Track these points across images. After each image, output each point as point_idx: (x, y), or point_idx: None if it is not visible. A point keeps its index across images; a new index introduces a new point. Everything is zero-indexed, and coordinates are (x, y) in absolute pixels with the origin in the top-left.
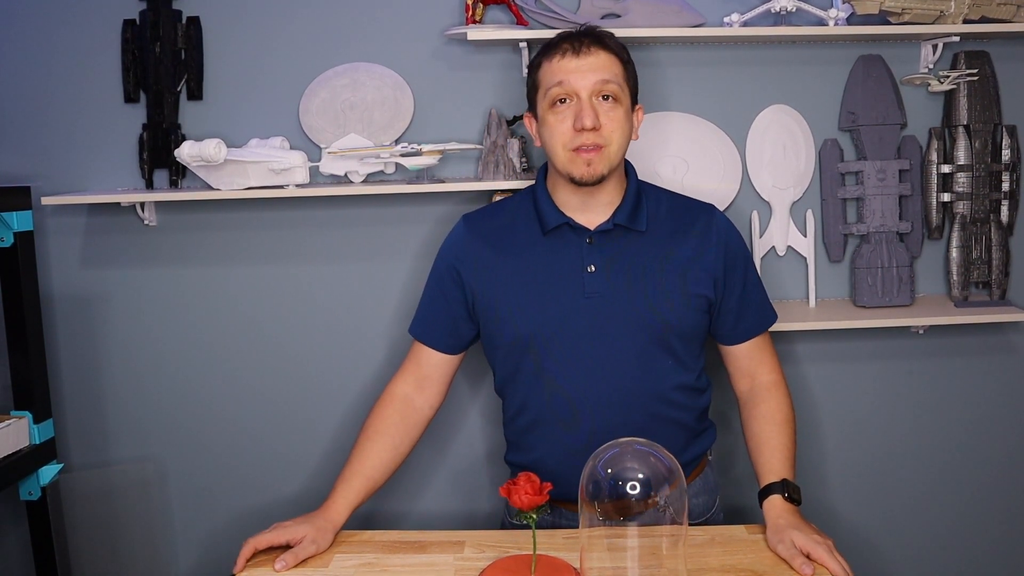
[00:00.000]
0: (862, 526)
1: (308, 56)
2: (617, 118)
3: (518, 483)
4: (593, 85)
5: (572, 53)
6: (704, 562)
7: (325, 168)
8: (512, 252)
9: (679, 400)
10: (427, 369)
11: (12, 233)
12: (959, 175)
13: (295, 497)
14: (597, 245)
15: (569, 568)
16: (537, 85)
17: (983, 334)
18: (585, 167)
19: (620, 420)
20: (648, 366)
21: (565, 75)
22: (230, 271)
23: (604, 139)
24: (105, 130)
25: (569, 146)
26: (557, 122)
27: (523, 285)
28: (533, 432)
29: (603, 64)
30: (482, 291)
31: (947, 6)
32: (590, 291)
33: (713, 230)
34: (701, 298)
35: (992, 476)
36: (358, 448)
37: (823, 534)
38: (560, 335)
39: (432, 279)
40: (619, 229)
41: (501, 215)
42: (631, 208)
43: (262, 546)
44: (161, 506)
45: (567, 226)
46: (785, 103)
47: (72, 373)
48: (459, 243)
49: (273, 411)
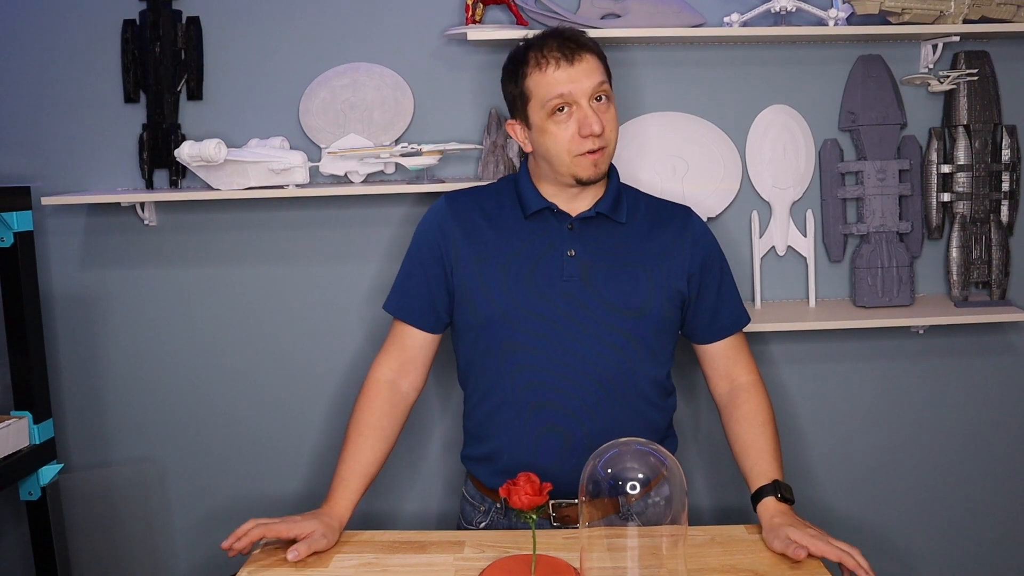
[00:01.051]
0: (862, 526)
1: (308, 56)
2: (613, 117)
3: (518, 483)
4: (590, 90)
5: (566, 62)
6: (704, 562)
7: (325, 168)
8: (493, 232)
9: (649, 394)
10: (410, 351)
11: (12, 233)
12: (959, 175)
13: (295, 497)
14: (578, 231)
15: (569, 568)
16: (528, 95)
17: (983, 334)
18: (592, 168)
19: (588, 407)
20: (621, 354)
21: (564, 86)
22: (230, 271)
23: (606, 139)
24: (105, 130)
25: (575, 151)
26: (560, 130)
27: (502, 263)
28: (496, 418)
29: (594, 67)
30: (460, 266)
31: (947, 6)
32: (568, 274)
33: (689, 229)
34: (676, 292)
35: (992, 476)
36: (351, 444)
37: (818, 528)
38: (535, 315)
39: (411, 255)
40: (600, 218)
41: (483, 196)
42: (613, 200)
43: (271, 535)
44: (161, 506)
45: (549, 211)
46: (785, 103)
47: (72, 373)
48: (440, 218)
49: (273, 411)
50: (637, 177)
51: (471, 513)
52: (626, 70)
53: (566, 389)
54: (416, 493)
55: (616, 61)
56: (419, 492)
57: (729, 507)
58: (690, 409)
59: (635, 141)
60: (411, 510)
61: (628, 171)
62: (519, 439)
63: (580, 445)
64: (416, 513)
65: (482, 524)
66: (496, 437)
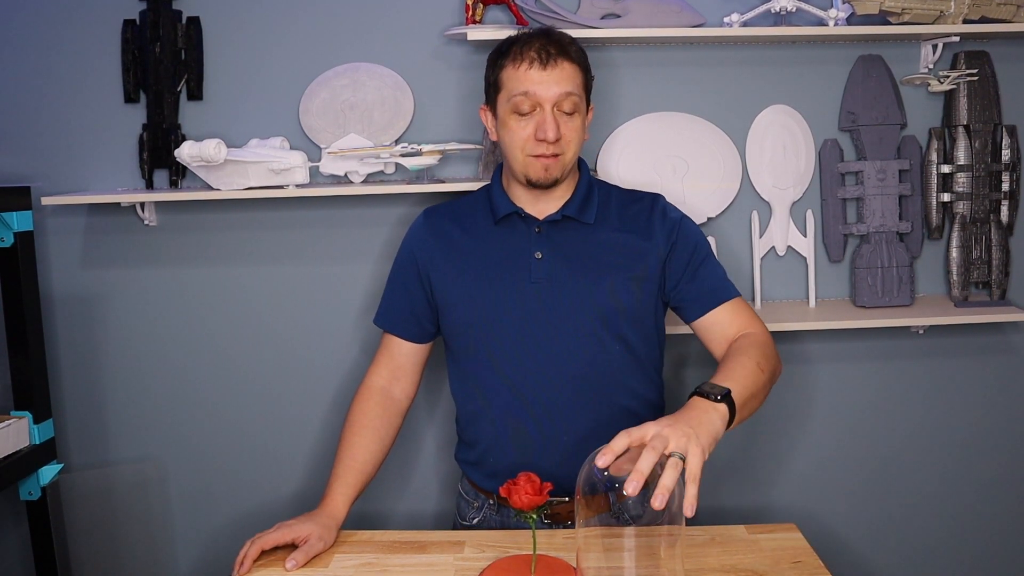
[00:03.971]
0: (862, 526)
1: (308, 56)
2: (575, 128)
3: (518, 483)
4: (556, 97)
5: (539, 64)
6: (704, 562)
7: (325, 168)
8: (465, 241)
9: (632, 388)
10: (399, 359)
11: (12, 233)
12: (959, 175)
13: (295, 497)
14: (545, 234)
15: (569, 568)
16: (499, 86)
17: (983, 334)
18: (542, 171)
19: (565, 405)
20: (596, 350)
21: (531, 86)
22: (230, 271)
23: (562, 148)
24: (105, 130)
25: (528, 152)
26: (519, 128)
27: (473, 271)
28: (478, 421)
29: (567, 76)
30: (437, 279)
31: (947, 6)
32: (536, 276)
33: (657, 213)
34: (648, 280)
35: (992, 476)
36: (346, 443)
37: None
38: (507, 319)
39: (394, 270)
40: (567, 220)
41: (458, 207)
42: (580, 201)
43: (268, 546)
44: (161, 506)
45: (516, 215)
46: (785, 103)
47: (72, 373)
48: (417, 235)
49: (273, 411)
50: (636, 177)
51: (465, 508)
52: (626, 70)
53: (542, 389)
54: (412, 492)
55: (616, 61)
56: (415, 491)
57: (729, 507)
58: None
59: (635, 141)
60: (407, 509)
61: (628, 171)
62: (500, 440)
63: (561, 443)
64: (412, 512)
65: (475, 520)
66: (481, 440)
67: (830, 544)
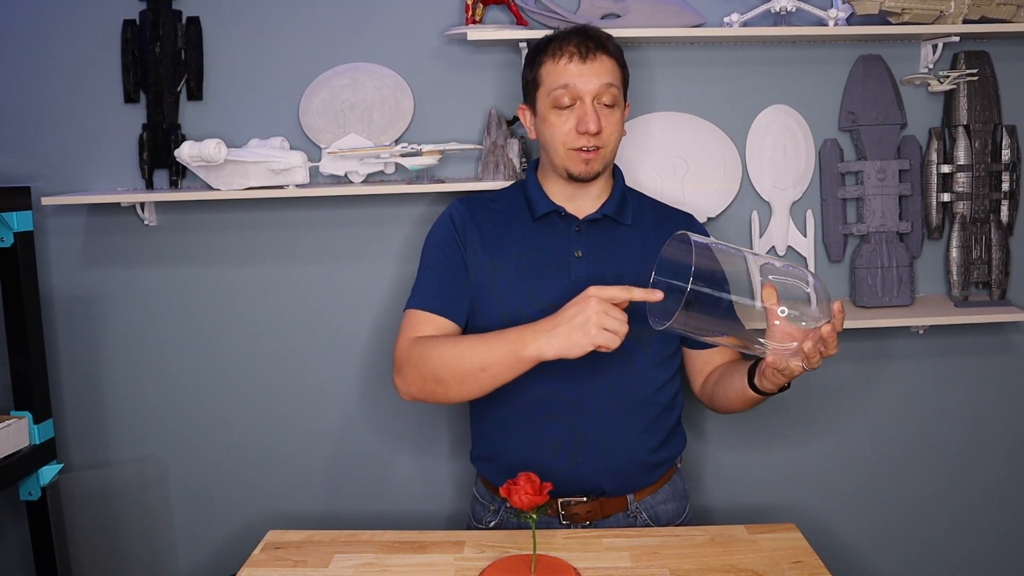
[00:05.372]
0: (862, 526)
1: (308, 56)
2: (615, 121)
3: (518, 483)
4: (596, 89)
5: (579, 58)
6: (704, 562)
7: (325, 168)
8: (504, 237)
9: (655, 392)
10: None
11: (12, 233)
12: (959, 175)
13: (294, 497)
14: (585, 233)
15: (569, 568)
16: (539, 82)
17: (983, 334)
18: (584, 165)
19: (595, 406)
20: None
21: (571, 79)
22: (230, 271)
23: (603, 141)
24: (105, 130)
25: (570, 145)
26: (560, 122)
27: (512, 268)
28: (505, 419)
29: (606, 69)
30: (477, 268)
31: (947, 6)
32: (576, 276)
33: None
34: None
35: (992, 476)
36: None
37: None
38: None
39: (432, 254)
40: (607, 220)
41: (494, 202)
42: (619, 202)
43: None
44: (161, 506)
45: (556, 214)
46: (785, 103)
47: (72, 373)
48: (459, 218)
49: (273, 411)
50: (637, 177)
51: (481, 512)
52: None
53: (574, 389)
54: (425, 493)
55: None
56: (428, 492)
57: (734, 506)
58: (698, 408)
59: (635, 141)
60: (421, 510)
61: (628, 171)
62: (527, 438)
63: (586, 443)
64: (425, 513)
65: (492, 523)
66: (505, 437)
67: (830, 544)
